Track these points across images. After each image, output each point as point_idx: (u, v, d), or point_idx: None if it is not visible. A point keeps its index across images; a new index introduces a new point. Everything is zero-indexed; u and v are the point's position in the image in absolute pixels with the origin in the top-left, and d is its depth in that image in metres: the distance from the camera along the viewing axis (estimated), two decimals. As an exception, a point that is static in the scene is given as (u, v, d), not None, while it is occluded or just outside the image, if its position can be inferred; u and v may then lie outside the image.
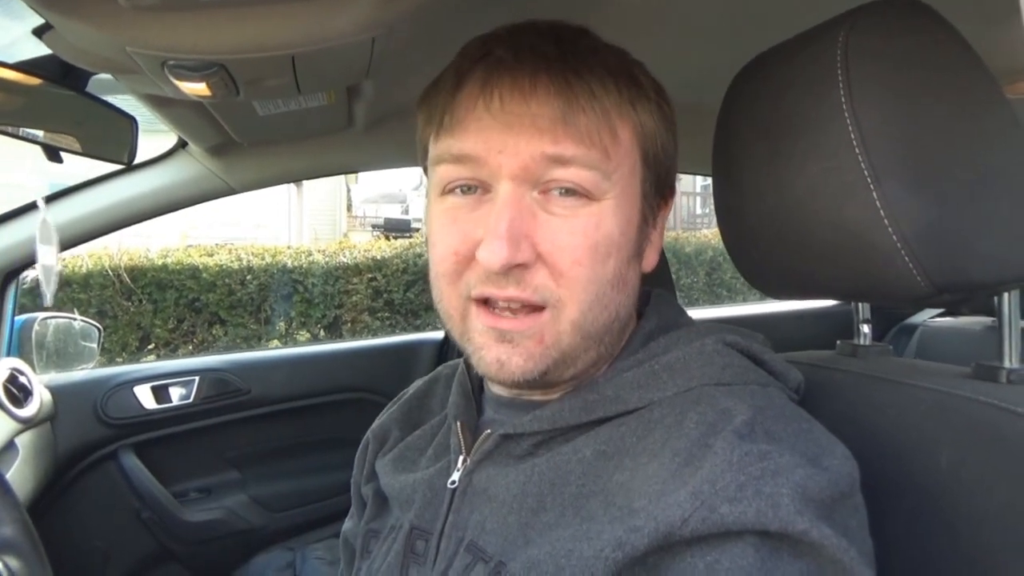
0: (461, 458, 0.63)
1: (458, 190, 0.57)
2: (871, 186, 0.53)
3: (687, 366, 0.57)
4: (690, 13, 0.92)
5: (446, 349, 1.83)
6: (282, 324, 5.33)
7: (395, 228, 12.36)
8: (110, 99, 1.06)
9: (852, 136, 0.53)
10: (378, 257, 5.43)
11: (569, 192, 0.54)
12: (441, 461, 0.66)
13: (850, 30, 0.55)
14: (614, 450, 0.54)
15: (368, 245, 5.86)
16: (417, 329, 5.37)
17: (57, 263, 1.21)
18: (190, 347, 5.16)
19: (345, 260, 5.38)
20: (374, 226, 13.80)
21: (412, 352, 1.84)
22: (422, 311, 5.39)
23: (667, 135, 0.61)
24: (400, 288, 5.37)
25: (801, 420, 0.53)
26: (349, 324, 5.37)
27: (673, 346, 0.59)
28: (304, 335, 5.39)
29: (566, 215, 0.54)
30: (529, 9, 0.65)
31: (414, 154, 0.66)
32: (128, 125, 1.07)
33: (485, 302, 0.56)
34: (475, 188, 0.56)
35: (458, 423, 0.66)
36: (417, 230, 12.64)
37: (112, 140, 1.08)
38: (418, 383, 0.82)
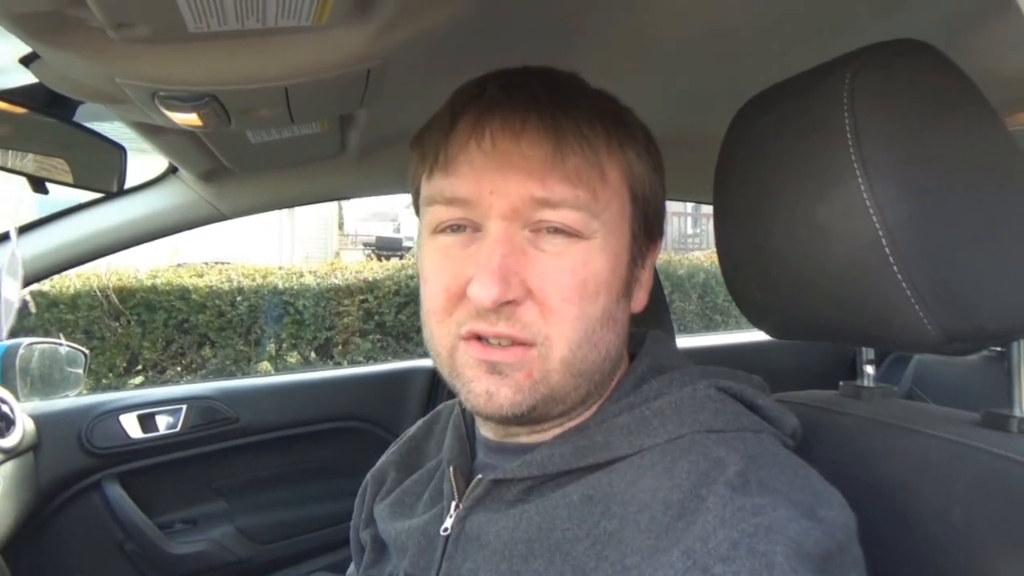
0: (454, 504, 0.62)
1: (449, 229, 0.58)
2: (880, 232, 0.51)
3: (678, 412, 0.56)
4: (687, 50, 0.92)
5: (439, 378, 1.78)
6: (272, 346, 5.29)
7: (387, 247, 12.34)
8: (99, 125, 1.04)
9: (860, 180, 0.52)
10: (370, 279, 5.40)
11: (558, 231, 0.55)
12: (436, 507, 0.65)
13: (856, 71, 0.54)
14: (601, 495, 0.53)
15: (360, 266, 5.83)
16: (408, 352, 5.35)
17: (18, 298, 1.19)
18: (179, 368, 5.10)
19: (336, 281, 5.35)
20: (366, 244, 13.79)
21: (404, 380, 1.81)
22: (413, 333, 5.34)
23: (655, 176, 0.62)
24: (392, 310, 5.34)
25: (796, 467, 0.51)
26: (340, 346, 5.33)
27: (665, 390, 0.58)
28: (294, 356, 5.35)
29: (556, 252, 0.55)
30: (523, 45, 0.64)
31: (406, 180, 0.67)
32: (117, 154, 1.06)
33: (476, 338, 0.56)
34: (466, 227, 0.57)
35: (451, 468, 0.65)
36: (409, 249, 12.64)
37: (101, 169, 1.06)
38: (419, 423, 0.81)
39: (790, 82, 0.63)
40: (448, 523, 0.61)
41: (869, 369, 0.71)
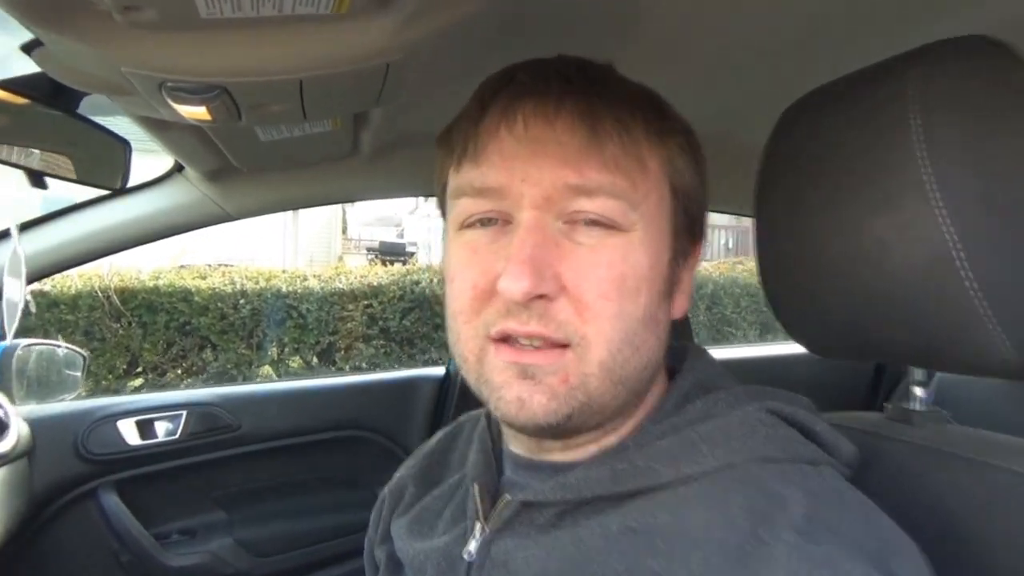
0: (479, 526, 0.58)
1: (477, 224, 0.55)
2: (951, 244, 0.47)
3: (728, 437, 0.51)
4: (724, 47, 0.88)
5: (447, 385, 1.76)
6: (274, 350, 5.25)
7: (390, 252, 12.38)
8: (105, 120, 1.00)
9: (928, 188, 0.48)
10: (374, 283, 5.37)
11: (595, 222, 0.52)
12: (458, 527, 0.61)
13: (924, 70, 0.50)
14: (644, 527, 0.48)
15: (364, 271, 5.81)
16: (412, 358, 5.32)
17: (23, 298, 1.16)
18: (179, 371, 5.06)
19: (341, 286, 5.32)
20: (369, 249, 13.83)
21: (412, 388, 1.77)
22: (418, 339, 5.33)
23: (696, 172, 0.59)
24: (396, 315, 5.29)
25: (863, 508, 0.47)
26: (343, 351, 5.30)
27: (712, 412, 0.54)
28: (296, 361, 5.31)
29: (592, 245, 0.51)
30: (550, 43, 0.61)
31: (419, 183, 0.64)
32: (122, 149, 1.02)
33: (505, 340, 0.52)
34: (495, 220, 0.54)
35: (476, 485, 0.60)
36: (412, 254, 12.69)
37: (104, 165, 1.02)
38: (439, 435, 0.77)
39: (844, 82, 0.59)
40: (472, 546, 0.57)
41: (920, 391, 0.66)
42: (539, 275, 0.49)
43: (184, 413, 1.54)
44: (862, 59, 0.58)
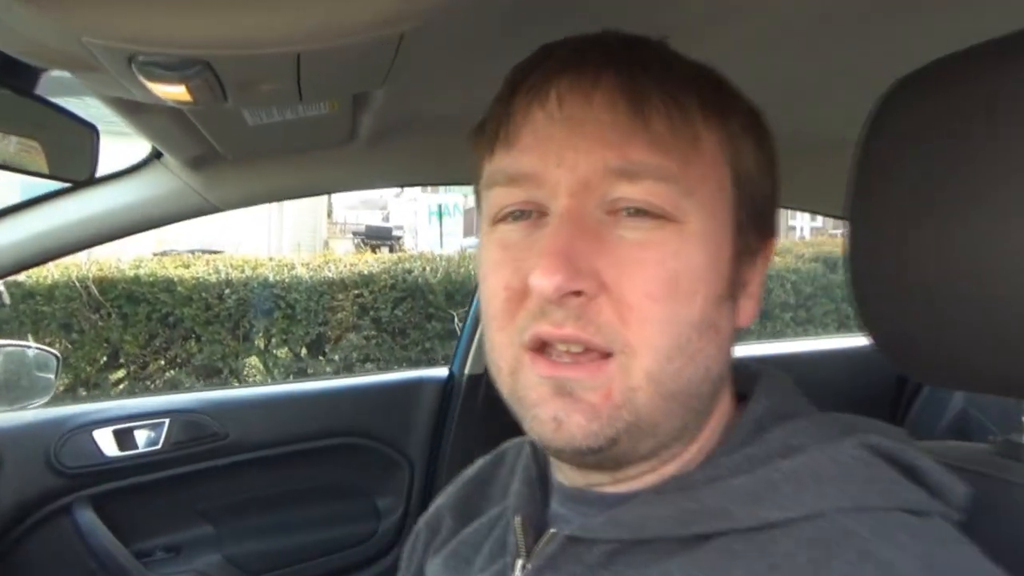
0: (520, 563, 0.53)
1: (510, 217, 0.51)
2: None
3: (818, 479, 0.44)
4: (801, 26, 0.77)
5: (451, 387, 1.70)
6: (261, 341, 5.19)
7: (376, 236, 12.41)
8: (70, 101, 0.92)
9: None
10: (365, 272, 5.31)
11: (641, 212, 0.47)
12: (496, 564, 0.57)
13: None
14: None
15: (354, 258, 5.75)
16: (404, 349, 5.28)
17: None
18: (162, 362, 4.98)
19: (330, 275, 5.26)
20: (355, 233, 13.83)
21: (413, 391, 1.70)
22: (411, 330, 5.28)
23: (763, 158, 0.52)
24: (387, 305, 5.23)
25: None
26: (333, 342, 5.25)
27: (797, 445, 0.47)
28: (284, 351, 5.25)
29: (638, 239, 0.46)
30: (589, 17, 0.54)
31: (421, 172, 0.60)
32: (88, 135, 0.93)
33: (540, 351, 0.47)
34: (530, 213, 0.50)
35: (517, 518, 0.56)
36: (399, 238, 12.71)
37: (68, 153, 0.93)
38: (480, 462, 0.72)
39: (962, 56, 0.49)
40: None
41: (1033, 423, 0.57)
42: (574, 268, 0.44)
43: (167, 421, 1.47)
44: (972, 32, 0.49)
